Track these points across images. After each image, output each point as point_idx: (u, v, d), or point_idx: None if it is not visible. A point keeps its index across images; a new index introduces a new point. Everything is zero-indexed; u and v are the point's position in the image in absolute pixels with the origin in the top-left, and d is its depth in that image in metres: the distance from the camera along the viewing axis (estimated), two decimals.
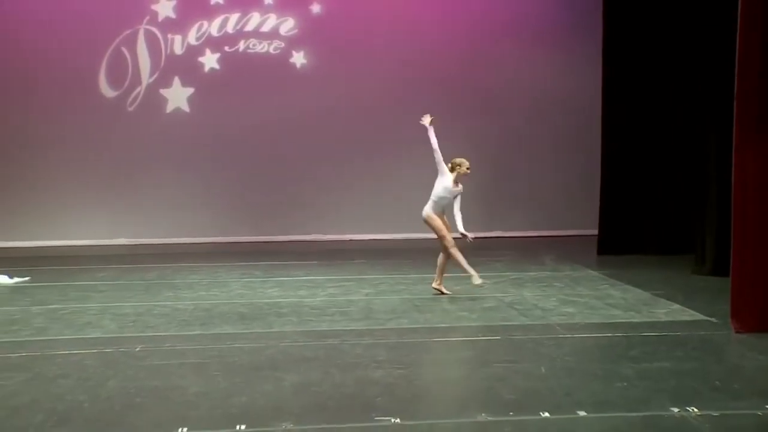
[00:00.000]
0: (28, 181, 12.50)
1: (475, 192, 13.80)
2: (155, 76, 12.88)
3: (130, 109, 12.84)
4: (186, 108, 12.92)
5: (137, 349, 5.77)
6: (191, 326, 6.59)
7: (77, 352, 5.70)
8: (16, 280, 8.89)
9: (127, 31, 12.81)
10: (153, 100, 12.88)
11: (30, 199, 12.53)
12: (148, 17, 12.83)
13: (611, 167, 10.93)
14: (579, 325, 6.51)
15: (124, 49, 12.80)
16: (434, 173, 7.48)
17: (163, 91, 12.88)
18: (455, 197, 7.68)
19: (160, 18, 12.83)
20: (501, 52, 13.32)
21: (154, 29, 12.85)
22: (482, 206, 12.91)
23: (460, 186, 7.78)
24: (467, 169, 7.76)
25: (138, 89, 12.85)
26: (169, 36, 12.87)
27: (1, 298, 8.03)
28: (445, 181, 7.58)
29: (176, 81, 12.89)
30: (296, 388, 4.87)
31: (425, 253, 9.31)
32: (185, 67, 12.94)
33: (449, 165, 7.63)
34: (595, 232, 11.18)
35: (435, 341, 6.18)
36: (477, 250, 10.59)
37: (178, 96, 12.89)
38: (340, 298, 7.81)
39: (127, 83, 12.84)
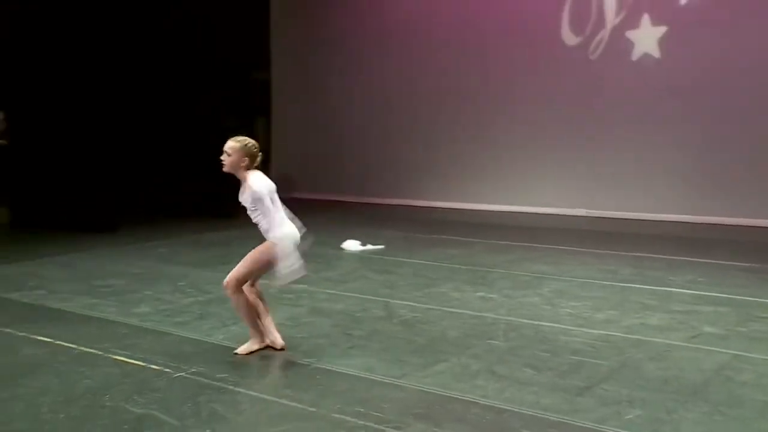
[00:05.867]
0: (483, 138, 12.17)
1: None
2: (621, 16, 11.08)
3: (592, 57, 11.35)
4: (655, 52, 10.82)
5: None
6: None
7: None
8: (369, 247, 8.59)
9: None
10: (618, 45, 11.14)
11: (484, 158, 12.20)
12: None
13: None
14: None
15: None
16: None
17: (630, 34, 11.02)
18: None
19: None
20: None
21: None
22: None
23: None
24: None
25: (601, 34, 11.26)
26: None
27: (323, 268, 7.67)
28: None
29: (645, 20, 10.89)
30: None
31: None
32: (656, 1, 10.82)
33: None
34: None
35: None
36: None
37: (646, 38, 10.88)
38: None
39: (590, 28, 11.37)
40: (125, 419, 3.74)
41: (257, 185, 4.51)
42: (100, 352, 4.81)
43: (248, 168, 4.57)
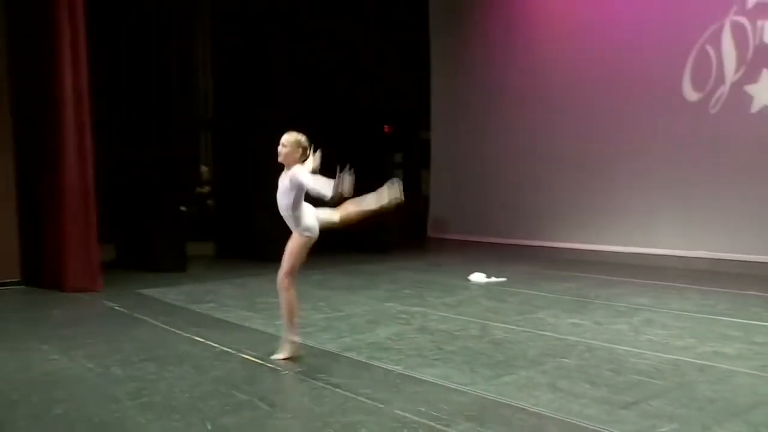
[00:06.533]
0: (611, 186, 11.71)
1: None
2: (740, 72, 10.27)
3: (713, 111, 10.59)
4: None
5: None
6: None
7: None
8: (493, 279, 8.51)
9: (713, 26, 10.59)
10: (737, 99, 10.31)
11: (611, 205, 11.70)
12: (735, 7, 10.30)
13: None
14: None
15: (708, 47, 10.64)
16: None
17: (749, 88, 10.17)
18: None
19: (749, 5, 10.15)
20: None
21: (742, 19, 10.23)
22: None
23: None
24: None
25: (721, 89, 10.52)
26: (759, 23, 10.05)
27: (446, 296, 7.72)
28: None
29: (764, 74, 10.01)
30: None
31: None
32: None
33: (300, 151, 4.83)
34: None
35: None
36: None
37: (766, 91, 10.00)
38: None
39: (710, 84, 10.64)
40: (230, 402, 4.07)
41: (303, 175, 4.67)
42: (234, 352, 5.22)
43: (298, 160, 4.79)
